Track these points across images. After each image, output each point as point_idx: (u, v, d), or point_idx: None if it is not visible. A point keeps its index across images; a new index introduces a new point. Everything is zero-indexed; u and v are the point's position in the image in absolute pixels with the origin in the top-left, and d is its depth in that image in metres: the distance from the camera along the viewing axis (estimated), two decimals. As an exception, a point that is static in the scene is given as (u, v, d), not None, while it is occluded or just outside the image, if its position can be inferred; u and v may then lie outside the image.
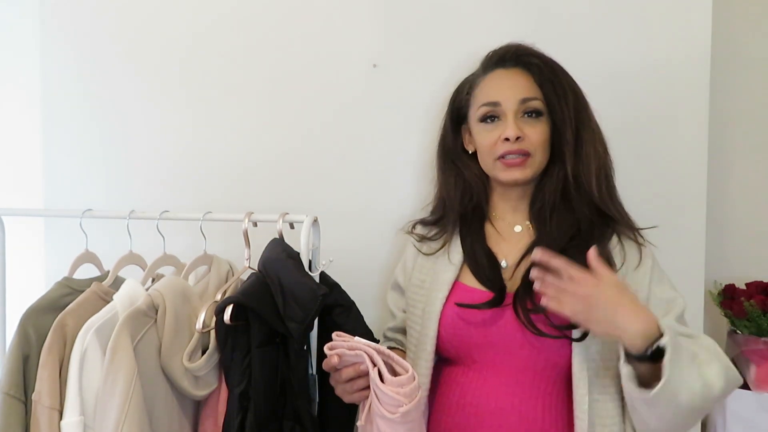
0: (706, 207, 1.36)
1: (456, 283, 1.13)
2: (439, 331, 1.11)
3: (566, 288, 0.93)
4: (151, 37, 1.49)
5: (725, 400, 1.36)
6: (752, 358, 1.36)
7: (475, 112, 1.15)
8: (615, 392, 1.02)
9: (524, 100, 1.10)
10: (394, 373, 0.94)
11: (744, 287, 1.45)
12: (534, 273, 0.96)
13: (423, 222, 1.26)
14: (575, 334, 1.02)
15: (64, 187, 1.54)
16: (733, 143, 1.54)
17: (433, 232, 1.22)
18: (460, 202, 1.19)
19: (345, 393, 1.01)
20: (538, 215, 1.13)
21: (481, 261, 1.12)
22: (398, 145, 1.40)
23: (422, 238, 1.22)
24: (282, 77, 1.44)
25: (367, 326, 1.19)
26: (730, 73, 1.51)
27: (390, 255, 1.40)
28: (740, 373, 1.38)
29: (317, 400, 1.11)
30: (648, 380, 0.92)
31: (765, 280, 1.46)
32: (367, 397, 0.96)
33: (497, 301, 1.07)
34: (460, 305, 1.09)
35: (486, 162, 1.15)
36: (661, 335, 0.90)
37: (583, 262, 1.02)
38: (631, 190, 1.30)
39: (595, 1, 1.36)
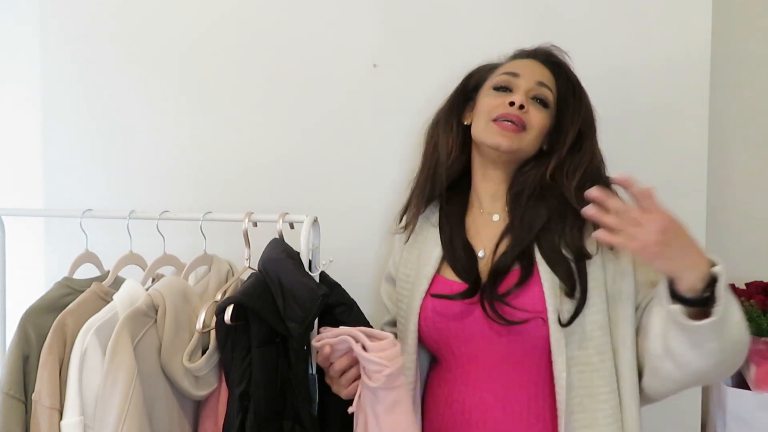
0: (706, 207, 1.36)
1: (436, 276, 1.13)
2: (420, 325, 1.12)
3: (639, 220, 0.89)
4: (150, 37, 1.48)
5: (725, 400, 1.36)
6: (752, 358, 1.36)
7: (491, 81, 1.16)
8: (599, 362, 1.01)
9: (541, 84, 1.12)
10: None
11: (744, 287, 1.45)
12: (590, 211, 0.90)
13: (405, 208, 1.25)
14: (562, 316, 1.01)
15: (64, 187, 1.54)
16: (733, 143, 1.54)
17: (413, 211, 1.21)
18: (436, 166, 1.18)
19: (340, 387, 1.03)
20: (514, 201, 1.12)
21: (458, 253, 1.12)
22: (399, 145, 1.40)
23: (405, 227, 1.23)
24: (281, 77, 1.44)
25: (369, 324, 1.18)
26: (730, 73, 1.51)
27: (390, 254, 1.40)
28: (740, 372, 1.39)
29: (317, 399, 1.11)
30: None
31: (765, 280, 1.46)
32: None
33: (470, 293, 1.07)
34: (434, 296, 1.10)
35: (479, 124, 1.14)
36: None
37: (555, 247, 1.05)
38: (631, 190, 1.30)
39: (596, 2, 1.36)
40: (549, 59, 1.17)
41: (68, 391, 0.99)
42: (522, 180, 1.12)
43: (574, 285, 1.02)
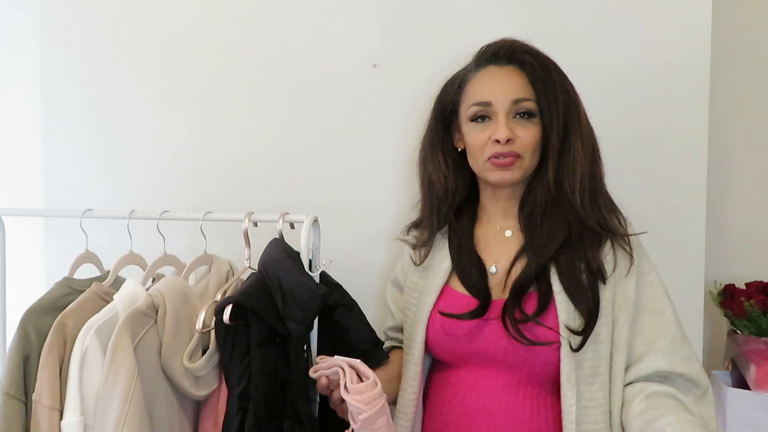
0: (706, 207, 1.36)
1: (445, 287, 1.12)
2: (427, 337, 1.11)
3: None
4: (150, 37, 1.48)
5: (725, 400, 1.36)
6: (752, 358, 1.36)
7: (465, 110, 1.12)
8: (602, 398, 1.03)
9: (517, 101, 1.07)
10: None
11: (744, 287, 1.45)
12: None
13: (414, 224, 1.25)
14: (573, 342, 1.01)
15: (64, 187, 1.54)
16: (733, 143, 1.54)
17: (424, 237, 1.19)
18: (438, 203, 1.16)
19: (345, 414, 1.02)
20: (528, 220, 1.11)
21: (467, 267, 1.11)
22: (399, 144, 1.40)
23: (415, 246, 1.21)
24: (282, 77, 1.44)
25: (369, 325, 1.19)
26: (730, 73, 1.51)
27: (390, 254, 1.40)
28: (740, 372, 1.39)
29: (317, 400, 1.11)
30: None
31: (765, 280, 1.46)
32: None
33: (480, 312, 1.06)
34: (443, 314, 1.09)
35: (476, 162, 1.12)
36: None
37: (573, 269, 1.04)
38: (631, 190, 1.30)
39: (595, 2, 1.36)
40: (514, 58, 1.11)
41: (68, 392, 0.99)
42: (532, 198, 1.10)
43: (590, 313, 1.02)
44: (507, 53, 1.12)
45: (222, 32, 1.46)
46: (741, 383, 1.39)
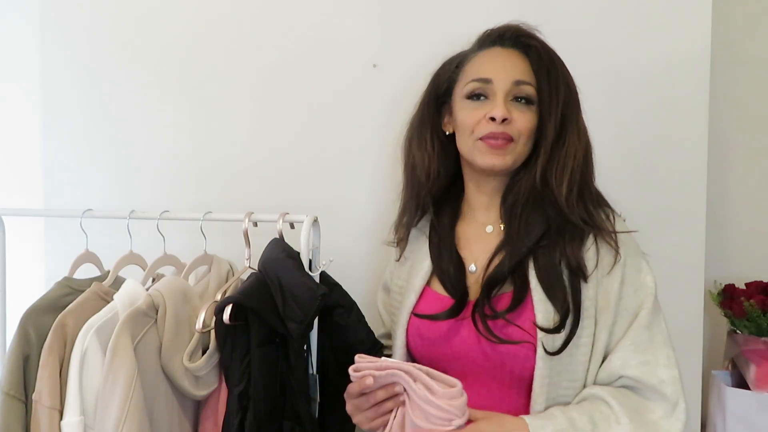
0: (706, 207, 1.36)
1: (425, 289, 1.09)
2: (408, 341, 1.08)
3: None
4: (150, 36, 1.49)
5: (725, 400, 1.36)
6: (752, 358, 1.36)
7: (462, 88, 1.07)
8: (571, 401, 0.98)
9: (518, 83, 1.02)
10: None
11: (744, 287, 1.45)
12: None
13: (398, 222, 1.20)
14: (551, 345, 0.95)
15: (64, 187, 1.54)
16: (733, 143, 1.54)
17: (402, 230, 1.16)
18: (418, 187, 1.12)
19: (367, 420, 0.96)
20: (509, 213, 1.05)
21: (446, 267, 1.06)
22: (400, 144, 1.40)
23: (397, 243, 1.18)
24: (282, 77, 1.44)
25: (368, 326, 1.18)
26: (730, 73, 1.51)
27: (390, 255, 1.40)
28: (740, 372, 1.39)
29: (317, 400, 1.11)
30: None
31: (765, 280, 1.46)
32: (387, 422, 0.93)
33: (455, 311, 1.01)
34: (417, 315, 1.06)
35: (465, 142, 1.05)
36: None
37: (552, 266, 0.98)
38: (631, 190, 1.30)
39: (596, 1, 1.36)
40: (519, 41, 1.07)
41: (68, 391, 0.99)
42: (515, 190, 1.04)
43: (568, 313, 0.96)
44: (512, 36, 1.09)
45: (222, 32, 1.46)
46: (741, 383, 1.39)
